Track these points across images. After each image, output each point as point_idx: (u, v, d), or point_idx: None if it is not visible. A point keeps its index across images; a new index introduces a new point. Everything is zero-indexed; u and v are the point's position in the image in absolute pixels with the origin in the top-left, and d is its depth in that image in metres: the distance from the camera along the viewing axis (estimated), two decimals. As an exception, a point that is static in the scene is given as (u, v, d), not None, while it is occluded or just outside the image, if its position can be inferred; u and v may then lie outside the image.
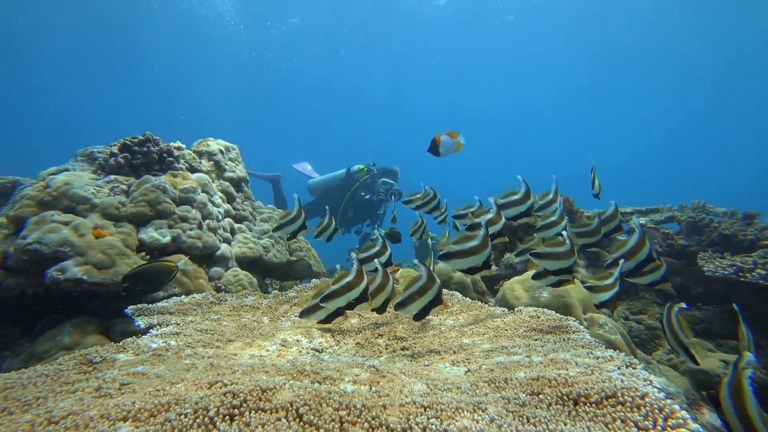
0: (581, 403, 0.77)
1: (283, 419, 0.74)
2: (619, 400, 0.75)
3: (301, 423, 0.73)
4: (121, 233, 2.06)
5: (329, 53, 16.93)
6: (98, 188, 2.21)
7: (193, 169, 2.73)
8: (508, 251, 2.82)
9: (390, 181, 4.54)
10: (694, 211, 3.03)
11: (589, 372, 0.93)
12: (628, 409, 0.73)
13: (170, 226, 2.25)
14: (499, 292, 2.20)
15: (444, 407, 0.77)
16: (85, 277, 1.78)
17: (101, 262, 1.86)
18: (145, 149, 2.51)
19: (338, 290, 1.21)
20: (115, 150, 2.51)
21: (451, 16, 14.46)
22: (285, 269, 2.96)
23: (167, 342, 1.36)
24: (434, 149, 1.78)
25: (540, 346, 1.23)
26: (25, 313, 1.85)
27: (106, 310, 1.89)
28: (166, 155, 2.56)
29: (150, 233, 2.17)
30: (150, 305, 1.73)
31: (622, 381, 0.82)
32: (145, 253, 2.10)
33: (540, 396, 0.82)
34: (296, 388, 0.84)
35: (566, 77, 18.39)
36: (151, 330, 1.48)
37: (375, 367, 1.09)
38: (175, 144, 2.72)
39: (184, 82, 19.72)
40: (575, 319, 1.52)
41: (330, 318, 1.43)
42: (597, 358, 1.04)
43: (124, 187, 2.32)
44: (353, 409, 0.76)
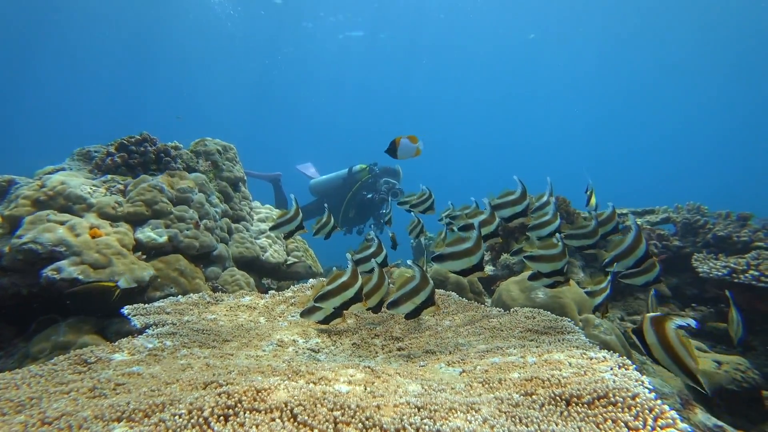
0: (573, 404, 0.78)
1: (278, 419, 0.74)
2: (610, 400, 0.76)
3: (296, 423, 0.73)
4: (117, 233, 2.05)
5: (336, 49, 16.87)
6: (95, 188, 2.20)
7: (190, 169, 2.72)
8: (505, 252, 2.83)
9: (392, 181, 4.54)
10: (689, 212, 3.05)
11: (582, 372, 0.94)
12: (619, 409, 0.74)
13: (167, 226, 2.25)
14: (496, 292, 2.21)
15: (437, 408, 0.78)
16: (81, 277, 1.77)
17: (97, 262, 1.85)
18: (142, 149, 2.51)
19: (333, 290, 1.22)
20: (112, 149, 2.50)
21: (455, 12, 14.45)
22: (284, 270, 2.95)
23: (163, 342, 1.36)
24: (392, 151, 1.78)
25: (535, 346, 1.24)
26: (19, 313, 1.84)
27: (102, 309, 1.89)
28: (163, 155, 2.56)
29: (147, 233, 2.17)
30: (146, 305, 1.73)
31: (614, 381, 0.83)
32: (141, 253, 2.09)
33: (533, 396, 0.83)
34: (291, 389, 0.85)
35: (566, 77, 18.45)
36: (147, 330, 1.47)
37: (370, 368, 1.09)
38: (172, 144, 2.72)
39: (184, 81, 19.65)
40: (570, 320, 1.53)
41: (328, 319, 1.44)
42: (590, 358, 1.05)
43: (121, 186, 2.31)
44: (347, 409, 0.77)
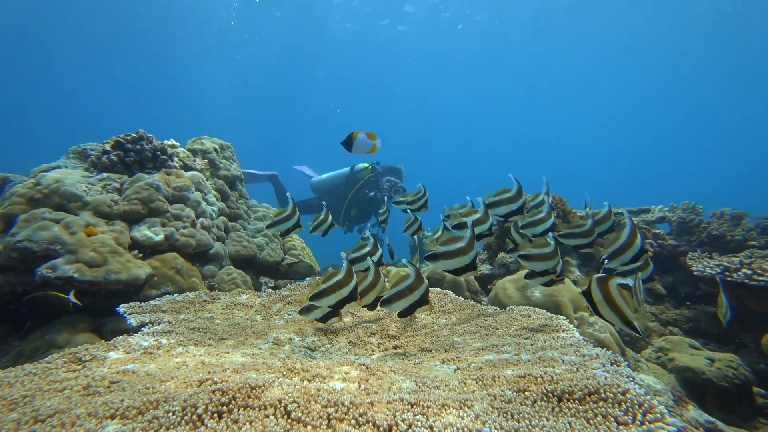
0: (565, 400, 0.79)
1: (271, 416, 0.74)
2: (601, 396, 0.77)
3: (289, 420, 0.74)
4: (113, 231, 2.05)
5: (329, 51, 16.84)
6: (90, 186, 2.19)
7: (187, 167, 2.72)
8: (502, 250, 2.84)
9: (394, 179, 4.53)
10: (684, 211, 3.07)
11: (575, 369, 0.94)
12: (610, 404, 0.75)
13: (163, 225, 2.25)
14: (492, 291, 2.22)
15: (430, 404, 0.78)
16: (76, 275, 1.77)
17: (93, 260, 1.85)
18: (139, 147, 2.50)
19: (327, 289, 1.22)
20: (108, 147, 2.49)
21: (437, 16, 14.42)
22: (282, 268, 2.95)
23: (159, 340, 1.36)
24: (348, 144, 1.79)
25: (530, 344, 1.25)
26: (14, 311, 1.84)
27: (98, 308, 1.88)
28: (159, 153, 2.55)
29: (143, 231, 2.16)
30: (142, 303, 1.72)
31: (605, 378, 0.84)
32: (137, 251, 2.09)
33: (526, 393, 0.84)
34: (285, 386, 0.85)
35: (566, 77, 18.46)
36: (142, 328, 1.47)
37: (365, 365, 1.10)
38: (168, 142, 2.71)
39: (184, 79, 19.54)
40: (565, 317, 1.54)
41: (325, 318, 1.44)
42: (583, 356, 1.06)
43: (117, 184, 2.30)
44: (341, 406, 0.77)
